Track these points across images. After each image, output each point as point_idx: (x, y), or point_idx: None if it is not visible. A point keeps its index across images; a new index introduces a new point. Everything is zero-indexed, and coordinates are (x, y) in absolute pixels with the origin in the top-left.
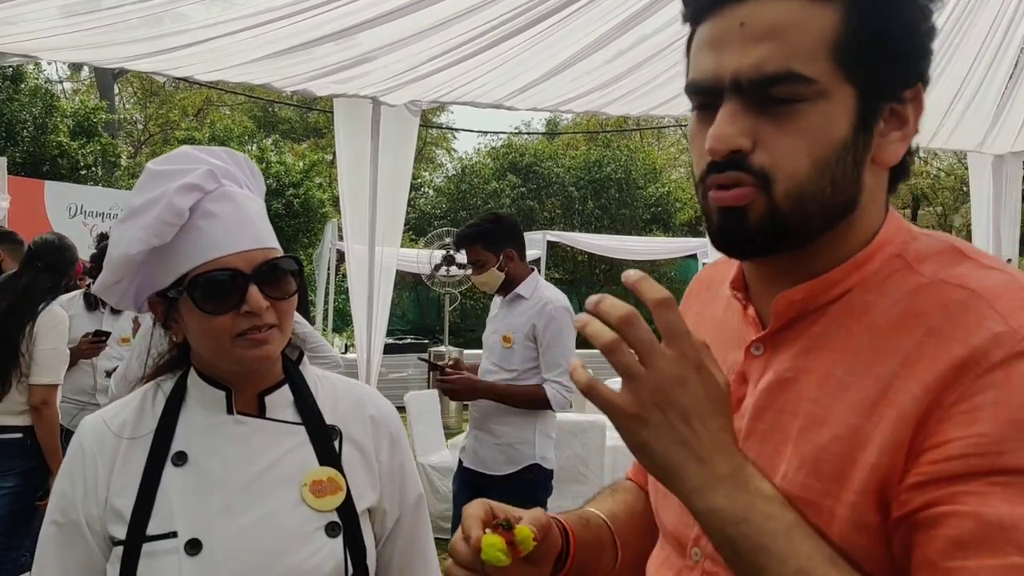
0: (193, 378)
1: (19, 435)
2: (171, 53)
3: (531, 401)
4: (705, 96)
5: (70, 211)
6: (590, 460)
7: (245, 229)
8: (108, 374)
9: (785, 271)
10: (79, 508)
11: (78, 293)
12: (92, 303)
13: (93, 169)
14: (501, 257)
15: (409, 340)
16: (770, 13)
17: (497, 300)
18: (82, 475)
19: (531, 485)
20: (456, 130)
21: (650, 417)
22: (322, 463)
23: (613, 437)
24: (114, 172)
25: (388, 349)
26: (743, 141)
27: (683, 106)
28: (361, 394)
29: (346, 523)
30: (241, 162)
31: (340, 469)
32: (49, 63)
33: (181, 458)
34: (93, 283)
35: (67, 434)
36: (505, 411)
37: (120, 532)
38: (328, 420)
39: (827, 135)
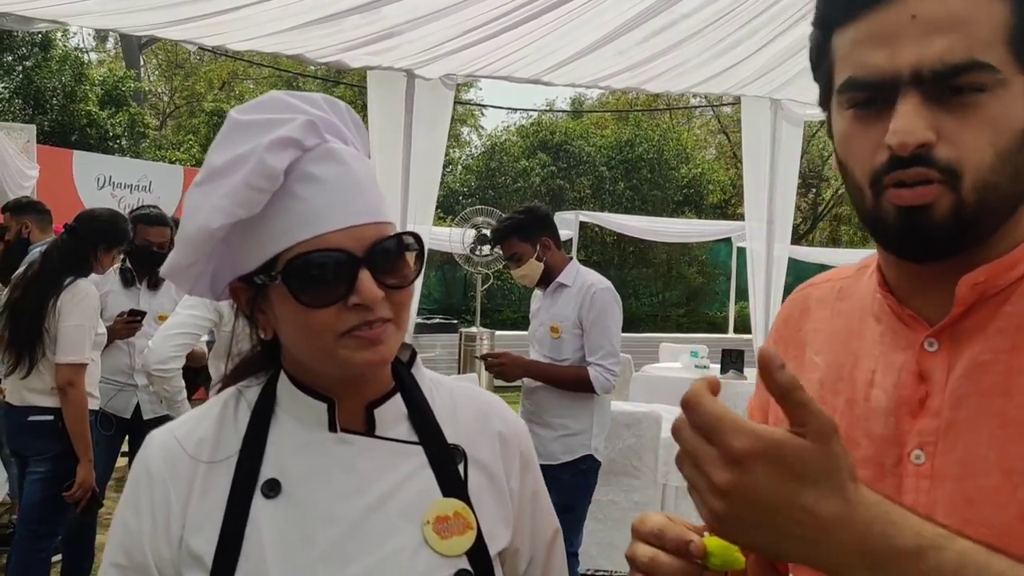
0: (285, 385)
1: (50, 417)
2: (201, 21)
3: (575, 382)
4: (871, 92)
5: (98, 182)
6: (643, 453)
7: (355, 198)
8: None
9: (947, 270)
10: (146, 548)
11: (113, 268)
12: (129, 279)
13: (121, 140)
14: (538, 247)
15: (438, 320)
16: (944, 5)
17: (537, 294)
18: (150, 506)
19: (583, 475)
20: (483, 106)
21: (743, 526)
22: (446, 493)
23: (668, 429)
24: (141, 143)
25: (417, 329)
26: (930, 135)
27: (724, 85)
28: (485, 404)
29: (479, 571)
30: (344, 112)
31: (467, 501)
32: (77, 30)
33: (273, 487)
34: (126, 259)
35: (104, 416)
36: (563, 403)
37: None
38: (449, 438)
39: (1009, 125)
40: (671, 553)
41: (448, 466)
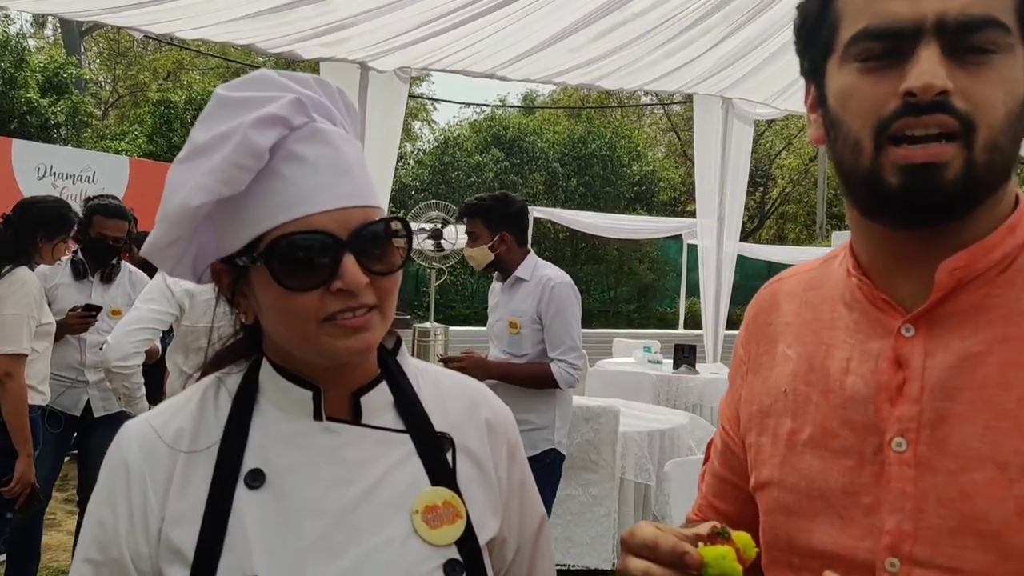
0: (268, 372)
1: None
2: (149, 7)
3: (537, 379)
4: (888, 42)
5: (39, 172)
6: (601, 447)
7: (341, 179)
8: (102, 349)
9: (926, 248)
10: (123, 543)
11: (65, 259)
12: (80, 271)
13: (62, 129)
14: (496, 238)
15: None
16: None
17: (496, 287)
18: (126, 499)
19: (548, 469)
20: (436, 100)
21: None
22: (434, 482)
23: (625, 423)
24: (83, 132)
25: None
26: (950, 84)
27: (677, 83)
28: (472, 392)
29: (468, 561)
30: (335, 94)
31: (456, 490)
32: (16, 15)
33: (257, 477)
34: (79, 251)
35: (52, 414)
36: (524, 398)
37: (180, 575)
38: (437, 426)
39: (1014, 88)
40: (665, 565)
41: (436, 454)
